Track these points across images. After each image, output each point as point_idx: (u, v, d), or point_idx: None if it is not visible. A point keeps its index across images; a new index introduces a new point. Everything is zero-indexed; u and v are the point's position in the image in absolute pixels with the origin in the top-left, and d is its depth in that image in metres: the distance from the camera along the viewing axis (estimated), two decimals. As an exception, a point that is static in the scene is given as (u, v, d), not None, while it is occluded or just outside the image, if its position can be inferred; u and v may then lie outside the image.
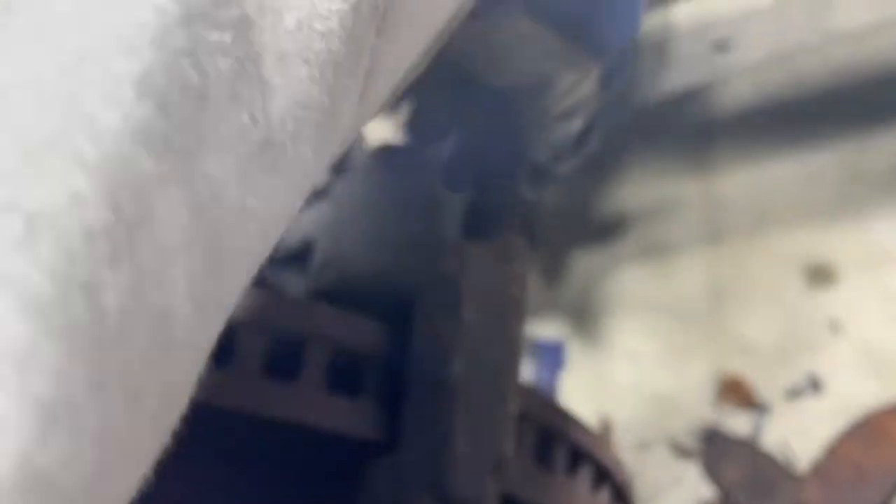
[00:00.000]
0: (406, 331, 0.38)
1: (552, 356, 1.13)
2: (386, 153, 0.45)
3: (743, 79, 1.07)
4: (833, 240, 1.17)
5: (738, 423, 1.08)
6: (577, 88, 0.38)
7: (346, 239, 0.41)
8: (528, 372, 1.07)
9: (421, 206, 0.42)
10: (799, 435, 1.05)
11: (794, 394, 1.06)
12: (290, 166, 0.20)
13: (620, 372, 1.14)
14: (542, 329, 1.13)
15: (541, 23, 0.30)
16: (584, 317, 1.16)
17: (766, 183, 1.24)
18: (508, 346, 0.36)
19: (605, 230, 1.27)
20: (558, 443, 0.40)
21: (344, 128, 0.23)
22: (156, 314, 0.15)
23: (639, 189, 1.30)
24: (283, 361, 0.37)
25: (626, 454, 1.11)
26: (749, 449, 1.08)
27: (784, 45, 0.81)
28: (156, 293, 0.15)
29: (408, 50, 0.25)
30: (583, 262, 1.20)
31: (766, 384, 1.10)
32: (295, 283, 0.46)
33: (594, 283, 1.19)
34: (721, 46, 0.83)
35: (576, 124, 0.48)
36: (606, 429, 1.15)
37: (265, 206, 0.19)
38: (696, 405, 1.09)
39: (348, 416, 0.37)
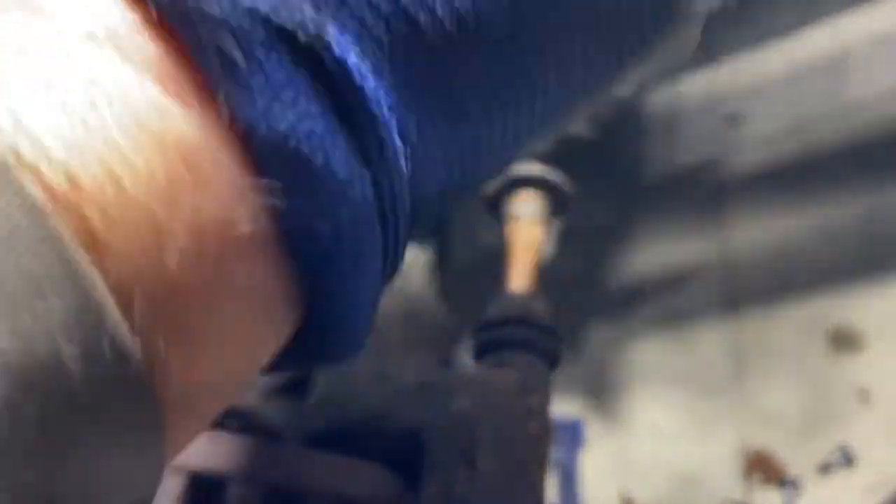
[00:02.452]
0: (416, 478, 0.33)
1: (571, 434, 1.08)
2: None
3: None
4: (855, 303, 1.13)
5: (768, 500, 1.02)
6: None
7: (346, 371, 0.37)
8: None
9: (428, 331, 0.38)
10: (833, 511, 0.99)
11: (825, 468, 1.00)
12: None
13: (642, 448, 1.09)
14: (559, 406, 1.08)
15: None
16: (603, 392, 1.11)
17: (784, 247, 1.20)
18: (529, 497, 0.32)
19: (620, 300, 1.23)
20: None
21: None
22: None
23: (654, 257, 1.26)
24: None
25: (652, 535, 1.06)
26: (781, 527, 1.02)
27: (798, 116, 0.78)
28: None
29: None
30: (599, 335, 1.16)
31: (795, 458, 1.04)
32: (290, 421, 0.42)
33: (611, 355, 1.15)
34: (733, 120, 0.79)
35: None
36: (630, 509, 1.09)
37: None
38: (723, 482, 1.03)
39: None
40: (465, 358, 0.39)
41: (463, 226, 0.86)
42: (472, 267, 0.92)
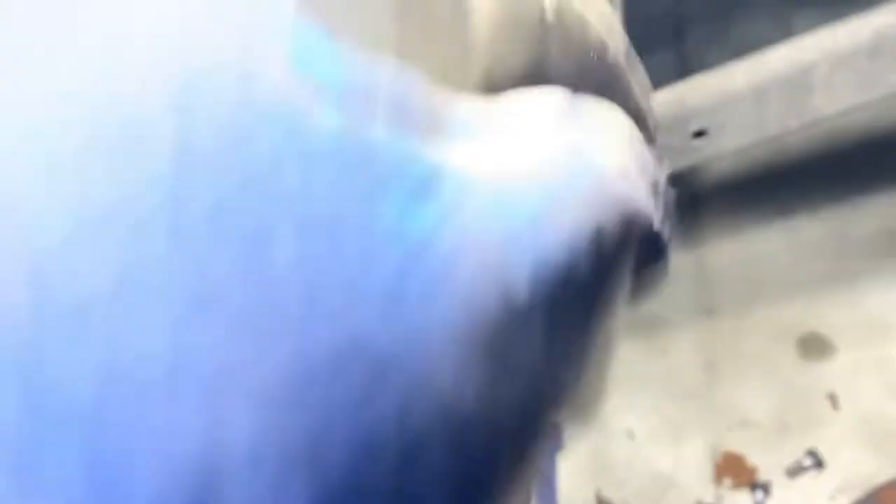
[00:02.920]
0: None
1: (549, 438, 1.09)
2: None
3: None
4: (826, 310, 1.14)
5: (738, 502, 1.03)
6: None
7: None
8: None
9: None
10: (802, 513, 1.01)
11: (795, 471, 1.01)
12: None
13: (617, 451, 1.10)
14: (537, 410, 1.09)
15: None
16: (579, 395, 1.12)
17: (756, 254, 1.21)
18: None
19: (596, 306, 1.23)
20: None
21: None
22: None
23: (628, 264, 1.26)
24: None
25: (627, 535, 1.07)
26: (751, 528, 1.03)
27: (764, 131, 0.79)
28: None
29: None
30: (575, 340, 1.17)
31: (765, 461, 1.05)
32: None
33: (587, 360, 1.16)
34: (700, 135, 0.80)
35: None
36: (605, 511, 1.10)
37: None
38: (695, 483, 1.05)
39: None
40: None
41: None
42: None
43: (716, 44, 1.50)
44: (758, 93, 0.76)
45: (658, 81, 0.83)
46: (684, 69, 1.37)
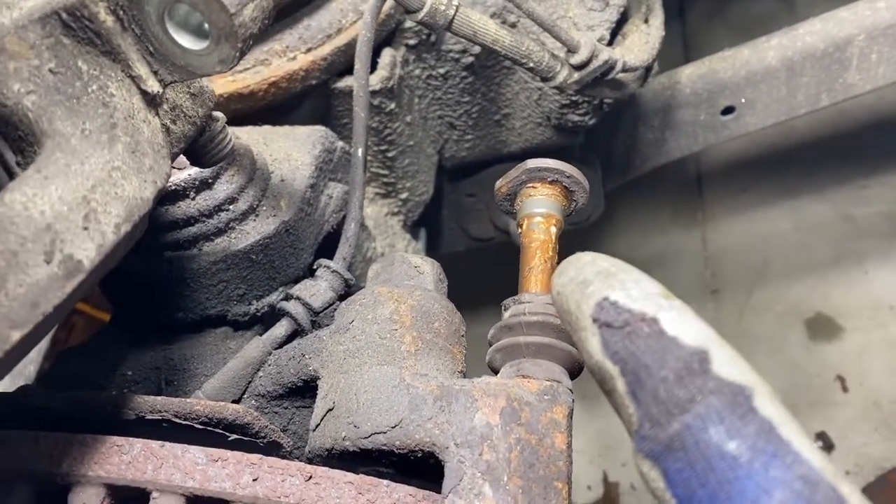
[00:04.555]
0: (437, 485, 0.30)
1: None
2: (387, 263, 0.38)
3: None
4: (832, 291, 1.11)
5: (747, 484, 1.00)
6: None
7: (358, 382, 0.33)
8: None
9: (442, 335, 0.34)
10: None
11: (804, 454, 0.98)
12: None
13: (624, 433, 1.06)
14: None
15: None
16: (585, 375, 1.08)
17: (762, 235, 1.17)
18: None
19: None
20: None
21: None
22: None
23: (635, 243, 1.23)
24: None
25: (633, 517, 1.03)
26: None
27: (793, 109, 0.74)
28: None
29: None
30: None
31: (774, 443, 1.01)
32: (297, 422, 0.38)
33: (594, 341, 1.12)
34: (729, 111, 0.76)
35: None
36: (613, 494, 1.07)
37: None
38: (704, 466, 1.01)
39: None
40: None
41: (453, 217, 0.83)
42: (461, 256, 0.89)
43: (718, 22, 1.45)
44: (790, 69, 0.72)
45: (660, 59, 0.79)
46: (686, 47, 1.33)
